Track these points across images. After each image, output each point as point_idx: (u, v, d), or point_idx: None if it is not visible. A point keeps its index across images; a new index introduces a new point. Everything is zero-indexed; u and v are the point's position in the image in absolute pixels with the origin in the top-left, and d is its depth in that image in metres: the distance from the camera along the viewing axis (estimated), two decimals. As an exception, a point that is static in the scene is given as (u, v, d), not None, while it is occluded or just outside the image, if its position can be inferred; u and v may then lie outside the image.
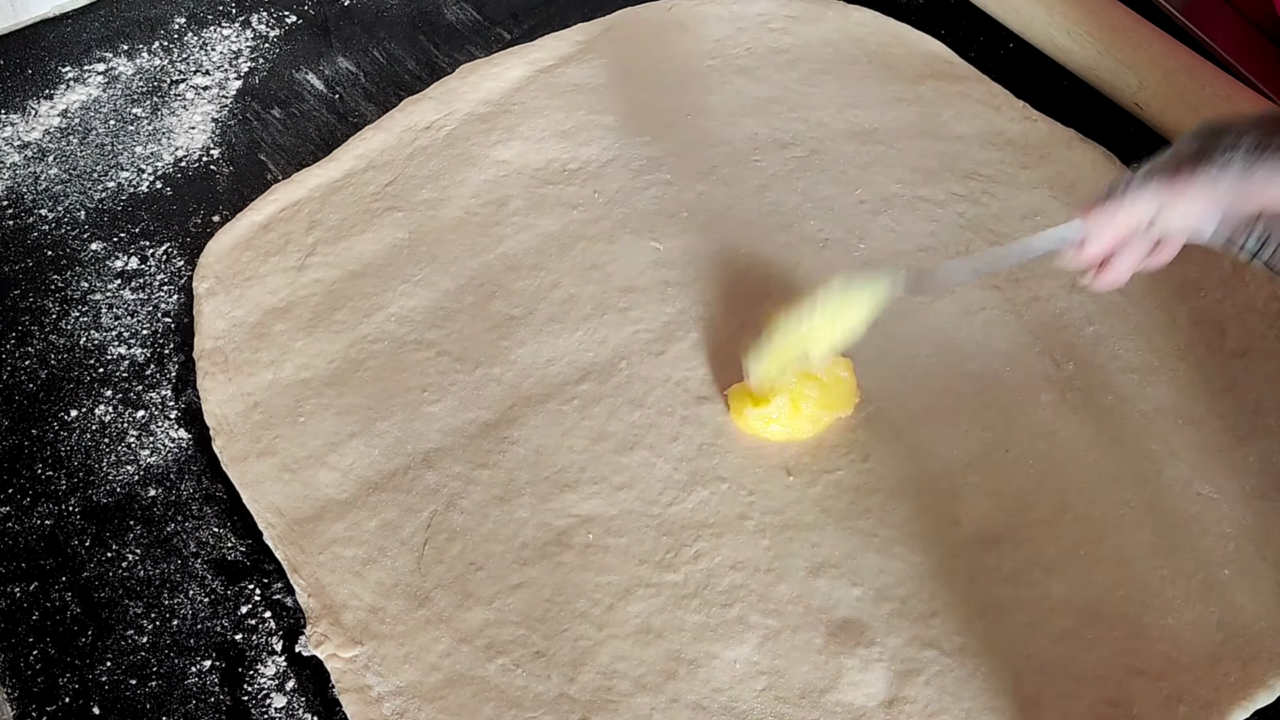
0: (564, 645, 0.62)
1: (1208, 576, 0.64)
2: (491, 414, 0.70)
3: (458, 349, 0.73)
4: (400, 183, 0.80)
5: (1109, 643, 0.62)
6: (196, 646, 0.63)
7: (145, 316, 0.75)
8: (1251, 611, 0.63)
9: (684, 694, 0.61)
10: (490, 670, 0.61)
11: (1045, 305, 0.75)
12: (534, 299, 0.75)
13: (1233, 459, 0.68)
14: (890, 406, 0.70)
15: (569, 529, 0.66)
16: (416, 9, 0.93)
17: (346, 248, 0.77)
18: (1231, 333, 0.73)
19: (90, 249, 0.78)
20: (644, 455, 0.68)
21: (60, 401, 0.71)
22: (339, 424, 0.70)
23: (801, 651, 0.62)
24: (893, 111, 0.84)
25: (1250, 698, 0.61)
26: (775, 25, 0.89)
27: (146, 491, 0.68)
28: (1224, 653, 0.62)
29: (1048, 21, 0.87)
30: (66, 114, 0.85)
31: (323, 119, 0.86)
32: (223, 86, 0.87)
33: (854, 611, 0.63)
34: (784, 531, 0.66)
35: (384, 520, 0.66)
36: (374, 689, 0.61)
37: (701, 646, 0.62)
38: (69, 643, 0.63)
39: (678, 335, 0.73)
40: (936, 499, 0.67)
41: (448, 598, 0.64)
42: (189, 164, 0.83)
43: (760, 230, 0.78)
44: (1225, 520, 0.66)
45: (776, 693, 0.61)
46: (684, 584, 0.64)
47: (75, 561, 0.66)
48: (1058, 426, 0.70)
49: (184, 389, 0.72)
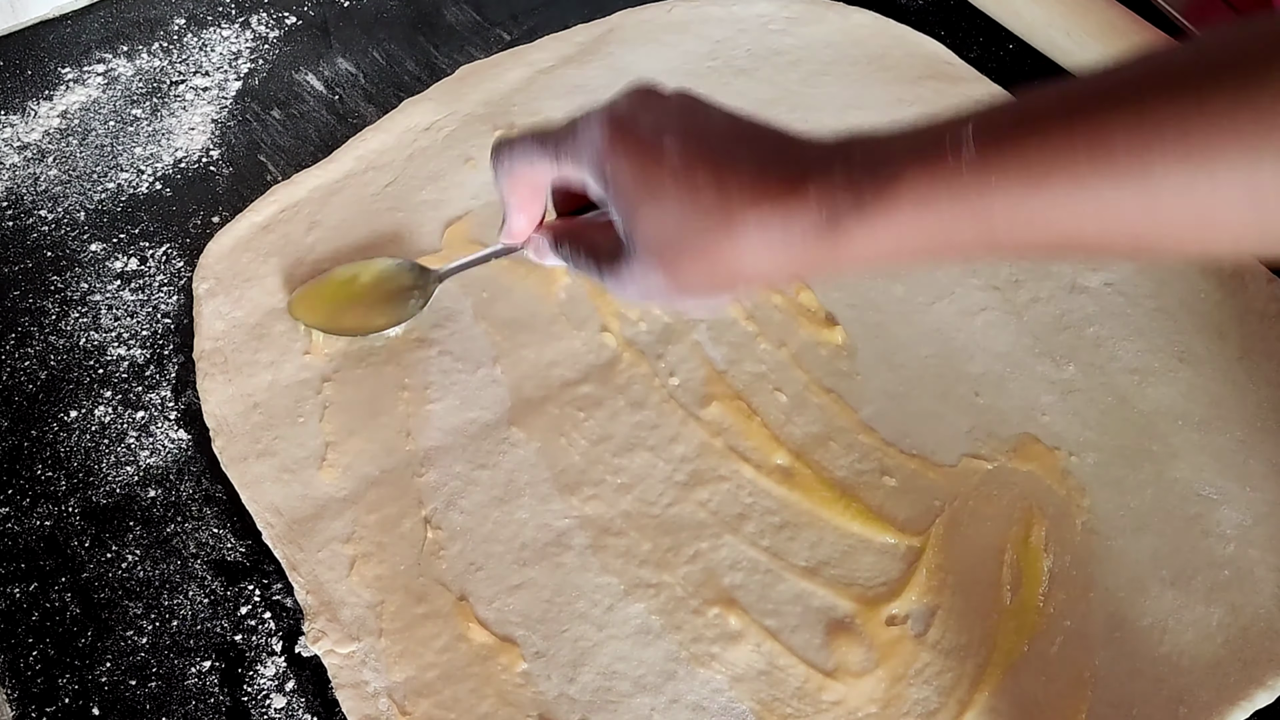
0: (564, 645, 0.62)
1: (1208, 578, 0.64)
2: (492, 414, 0.70)
3: (459, 349, 0.73)
4: (400, 184, 0.80)
5: (1109, 644, 0.62)
6: (196, 647, 0.63)
7: (145, 317, 0.75)
8: (1251, 613, 0.63)
9: (684, 694, 0.61)
10: (490, 669, 0.61)
11: (1045, 306, 0.75)
12: (535, 300, 0.75)
13: (1233, 460, 0.68)
14: (890, 408, 0.71)
15: (569, 529, 0.66)
16: (416, 10, 0.93)
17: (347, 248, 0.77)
18: (1232, 335, 0.73)
19: (90, 250, 0.78)
20: (645, 456, 0.68)
21: (60, 402, 0.71)
22: (339, 423, 0.70)
23: (801, 651, 0.62)
24: (893, 113, 0.84)
25: (1250, 698, 0.61)
26: (775, 26, 0.89)
27: (146, 492, 0.68)
28: (1224, 654, 0.62)
29: (1048, 23, 0.87)
30: (66, 115, 0.85)
31: (322, 120, 0.86)
32: (222, 88, 0.87)
33: (853, 611, 0.63)
34: (783, 531, 0.66)
35: (383, 517, 0.66)
36: (370, 684, 0.61)
37: (701, 647, 0.62)
38: (69, 643, 0.63)
39: (678, 336, 0.73)
40: (936, 500, 0.67)
41: (447, 595, 0.64)
42: (189, 165, 0.83)
43: (760, 231, 0.78)
44: (1225, 522, 0.66)
45: (776, 693, 0.61)
46: (684, 584, 0.64)
47: (75, 562, 0.66)
48: (1058, 428, 0.70)
49: (184, 390, 0.72)
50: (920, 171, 0.43)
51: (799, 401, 0.71)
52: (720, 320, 0.74)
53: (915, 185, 0.43)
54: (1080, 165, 0.41)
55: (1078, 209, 0.41)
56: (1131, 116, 0.40)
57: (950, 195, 0.43)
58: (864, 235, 0.45)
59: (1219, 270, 0.75)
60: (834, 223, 0.45)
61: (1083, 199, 0.41)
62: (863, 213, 0.44)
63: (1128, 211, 0.41)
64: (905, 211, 0.44)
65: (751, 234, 0.46)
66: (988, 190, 0.42)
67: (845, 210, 0.44)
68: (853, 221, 0.44)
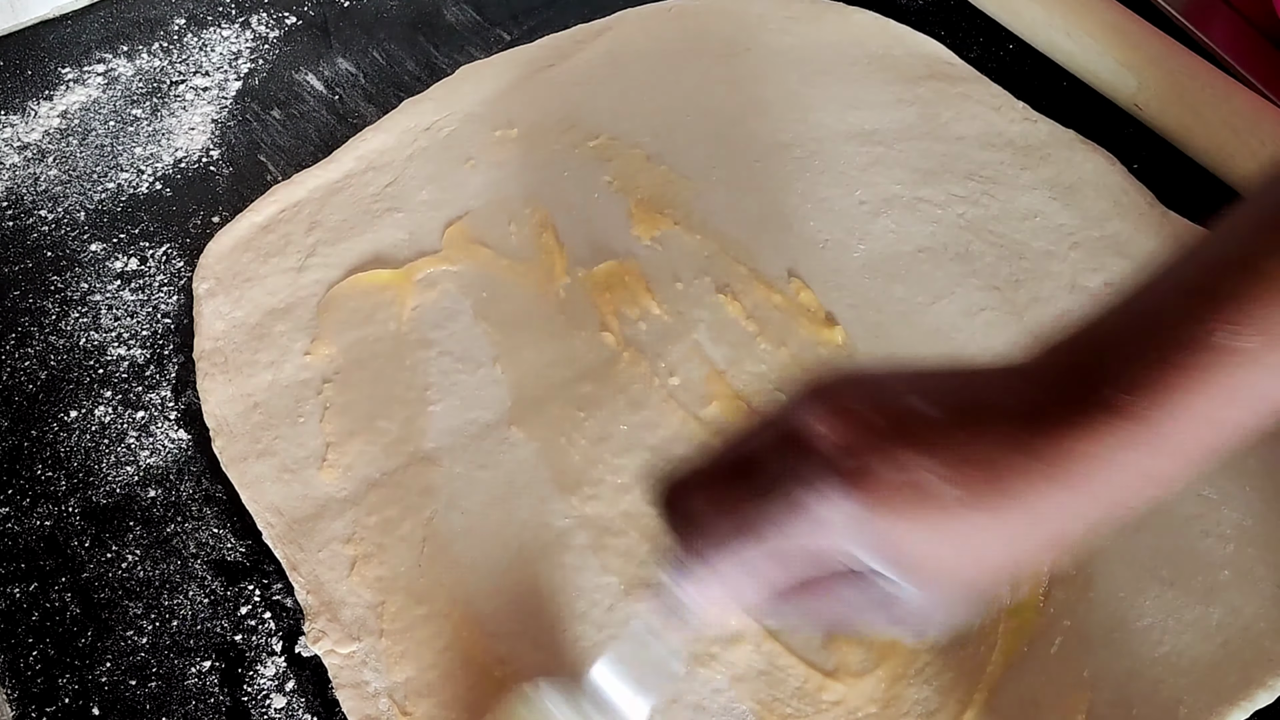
0: (564, 645, 0.62)
1: (1208, 578, 0.64)
2: (493, 414, 0.70)
3: (459, 349, 0.73)
4: (400, 184, 0.80)
5: (1109, 644, 0.62)
6: (196, 647, 0.63)
7: (145, 317, 0.75)
8: (1251, 613, 0.63)
9: (684, 694, 0.61)
10: (489, 668, 0.61)
11: (1045, 306, 0.75)
12: (535, 299, 0.75)
13: (1233, 460, 0.68)
14: (890, 407, 0.70)
15: (570, 530, 0.66)
16: (416, 10, 0.93)
17: (347, 249, 0.77)
18: (1231, 334, 0.73)
19: (90, 250, 0.78)
20: (645, 456, 0.68)
21: (60, 402, 0.71)
22: (339, 423, 0.70)
23: (800, 651, 0.62)
24: (893, 113, 0.84)
25: (1250, 698, 0.61)
26: (775, 26, 0.89)
27: (146, 492, 0.68)
28: (1223, 654, 0.62)
29: (1048, 23, 0.87)
30: (66, 115, 0.85)
31: (322, 120, 0.86)
32: (222, 88, 0.87)
33: (854, 612, 0.63)
34: (784, 532, 0.66)
35: (384, 517, 0.66)
36: (371, 684, 0.61)
37: (700, 646, 0.62)
38: (69, 643, 0.63)
39: (678, 336, 0.73)
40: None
41: (447, 595, 0.64)
42: (189, 165, 0.83)
43: (759, 231, 0.78)
44: (1225, 522, 0.66)
45: (776, 692, 0.61)
46: (684, 585, 0.64)
47: (75, 562, 0.66)
48: (1058, 427, 0.70)
49: (184, 390, 0.72)
50: (1200, 390, 0.38)
51: (799, 401, 0.71)
52: (720, 320, 0.74)
53: (1206, 414, 0.38)
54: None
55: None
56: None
57: (1227, 405, 0.38)
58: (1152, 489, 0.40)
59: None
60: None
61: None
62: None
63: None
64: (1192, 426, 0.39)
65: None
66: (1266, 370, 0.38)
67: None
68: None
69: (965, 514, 0.38)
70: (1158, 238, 0.77)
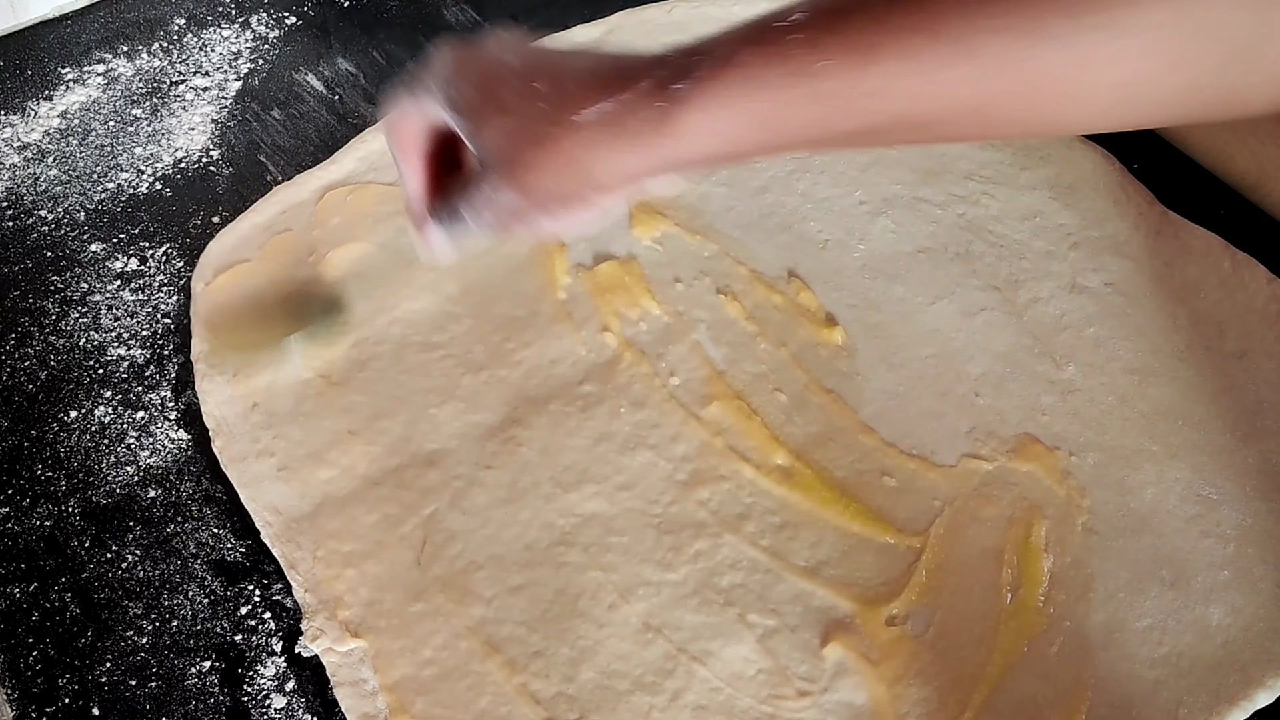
0: (563, 644, 0.62)
1: (1208, 578, 0.64)
2: (496, 416, 0.70)
3: (461, 351, 0.73)
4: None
5: (1109, 644, 0.62)
6: (196, 647, 0.63)
7: (145, 318, 0.75)
8: (1251, 613, 0.63)
9: (683, 693, 0.61)
10: (488, 667, 0.61)
11: (1045, 306, 0.75)
12: (537, 300, 0.75)
13: (1233, 460, 0.68)
14: (890, 408, 0.71)
15: (571, 529, 0.66)
16: (416, 10, 0.93)
17: (348, 250, 0.77)
18: (1231, 334, 0.73)
19: (90, 250, 0.78)
20: (646, 455, 0.68)
21: (60, 402, 0.71)
22: (340, 423, 0.70)
23: (800, 651, 0.62)
24: (892, 113, 0.84)
25: (1250, 699, 0.61)
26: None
27: (146, 492, 0.68)
28: (1223, 654, 0.62)
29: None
30: (66, 115, 0.85)
31: (323, 120, 0.86)
32: (222, 88, 0.87)
33: (853, 611, 0.63)
34: (783, 531, 0.66)
35: (383, 516, 0.66)
36: (369, 682, 0.61)
37: (701, 645, 0.62)
38: (69, 643, 0.63)
39: (679, 336, 0.73)
40: (936, 500, 0.67)
41: (446, 594, 0.64)
42: (189, 165, 0.83)
43: (760, 231, 0.78)
44: (1225, 522, 0.66)
45: (775, 692, 0.61)
46: (684, 583, 0.64)
47: (75, 562, 0.66)
48: (1058, 428, 0.70)
49: (183, 390, 0.72)
50: (752, 52, 0.44)
51: (799, 401, 0.71)
52: (720, 320, 0.74)
53: (747, 65, 0.44)
54: (908, 40, 0.41)
55: (909, 85, 0.42)
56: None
57: (783, 73, 0.43)
58: (700, 119, 0.45)
59: (1218, 269, 0.75)
60: (669, 110, 0.45)
61: (913, 74, 0.41)
62: (696, 94, 0.44)
63: (958, 85, 0.41)
64: (738, 90, 0.44)
65: (590, 128, 0.46)
66: (819, 69, 0.42)
67: (680, 95, 0.45)
68: (687, 107, 0.44)
69: (518, 102, 0.47)
70: (1158, 237, 0.77)
